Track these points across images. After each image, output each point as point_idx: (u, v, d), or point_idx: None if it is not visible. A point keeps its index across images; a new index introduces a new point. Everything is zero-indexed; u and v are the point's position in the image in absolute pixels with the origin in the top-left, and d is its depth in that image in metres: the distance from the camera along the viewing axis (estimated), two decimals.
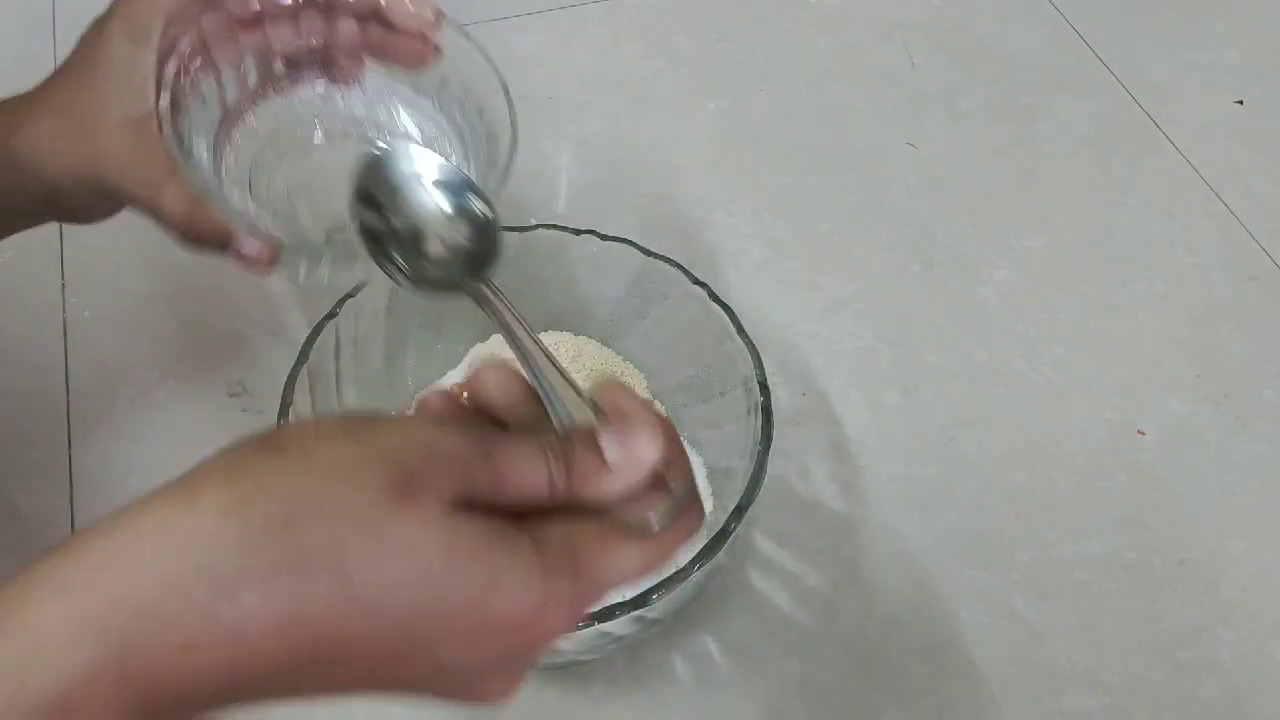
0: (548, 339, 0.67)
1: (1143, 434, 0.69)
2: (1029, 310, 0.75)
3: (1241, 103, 0.87)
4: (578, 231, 0.64)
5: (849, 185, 0.81)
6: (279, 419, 0.56)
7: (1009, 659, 0.60)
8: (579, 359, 0.67)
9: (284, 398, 0.57)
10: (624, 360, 0.67)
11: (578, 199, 0.80)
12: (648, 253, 0.63)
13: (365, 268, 0.42)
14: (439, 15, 0.52)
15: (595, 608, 0.37)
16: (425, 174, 0.42)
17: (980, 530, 0.65)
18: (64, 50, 0.51)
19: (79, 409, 0.68)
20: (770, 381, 0.58)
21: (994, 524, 0.65)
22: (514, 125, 0.51)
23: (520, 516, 0.33)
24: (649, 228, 0.77)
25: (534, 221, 0.66)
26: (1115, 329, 0.74)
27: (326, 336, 0.60)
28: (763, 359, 0.59)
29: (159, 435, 0.67)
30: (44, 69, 0.52)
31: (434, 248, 0.41)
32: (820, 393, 0.70)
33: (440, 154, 0.43)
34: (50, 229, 0.74)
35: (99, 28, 0.50)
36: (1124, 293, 0.76)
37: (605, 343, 0.68)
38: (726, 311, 0.61)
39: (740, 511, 0.53)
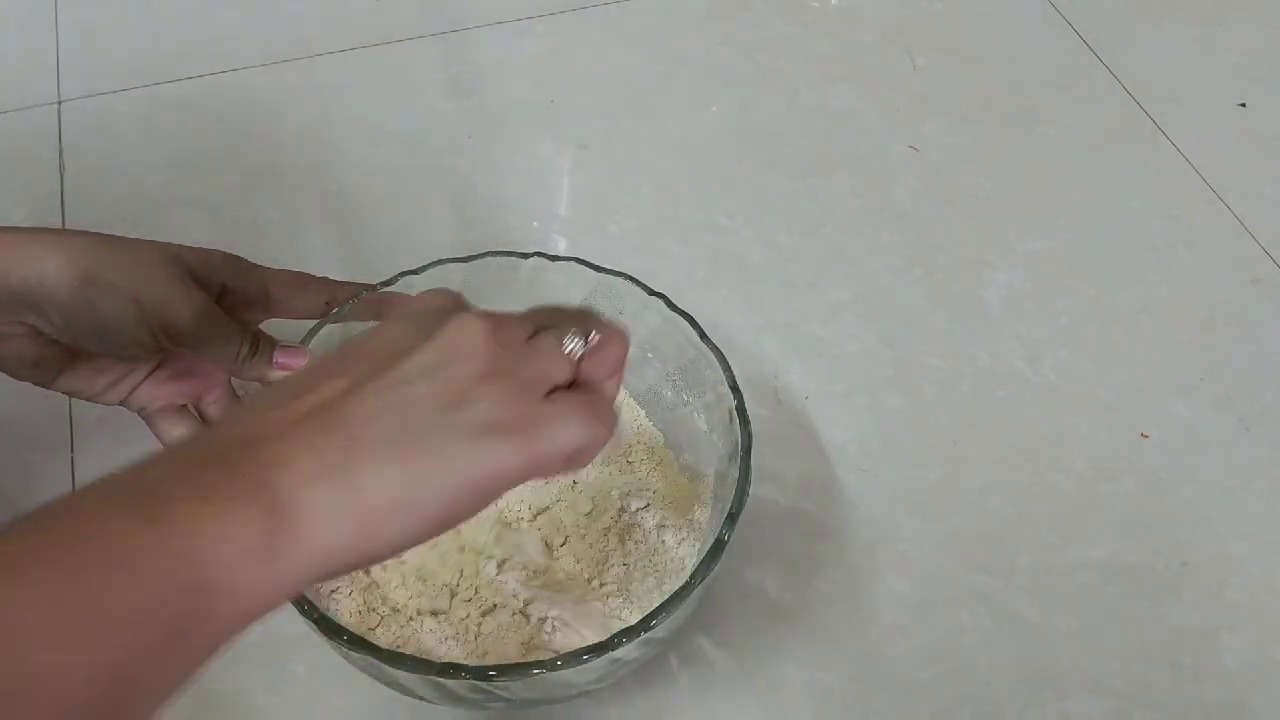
0: None
1: (1146, 437, 0.69)
2: (1031, 313, 0.75)
3: (1244, 105, 0.87)
4: (525, 255, 0.62)
5: (851, 188, 0.81)
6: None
7: (1011, 663, 0.60)
8: None
9: None
10: None
11: (579, 202, 0.80)
12: (598, 269, 0.61)
13: None
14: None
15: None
16: None
17: (982, 533, 0.65)
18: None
19: (80, 410, 0.68)
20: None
21: (996, 527, 0.65)
22: None
23: None
24: (650, 230, 0.77)
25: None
26: (1118, 332, 0.74)
27: (326, 334, 0.59)
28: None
29: None
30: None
31: None
32: (822, 396, 0.70)
33: None
34: (52, 222, 0.74)
35: None
36: (1127, 295, 0.76)
37: None
38: (687, 319, 0.59)
39: (733, 519, 0.52)
